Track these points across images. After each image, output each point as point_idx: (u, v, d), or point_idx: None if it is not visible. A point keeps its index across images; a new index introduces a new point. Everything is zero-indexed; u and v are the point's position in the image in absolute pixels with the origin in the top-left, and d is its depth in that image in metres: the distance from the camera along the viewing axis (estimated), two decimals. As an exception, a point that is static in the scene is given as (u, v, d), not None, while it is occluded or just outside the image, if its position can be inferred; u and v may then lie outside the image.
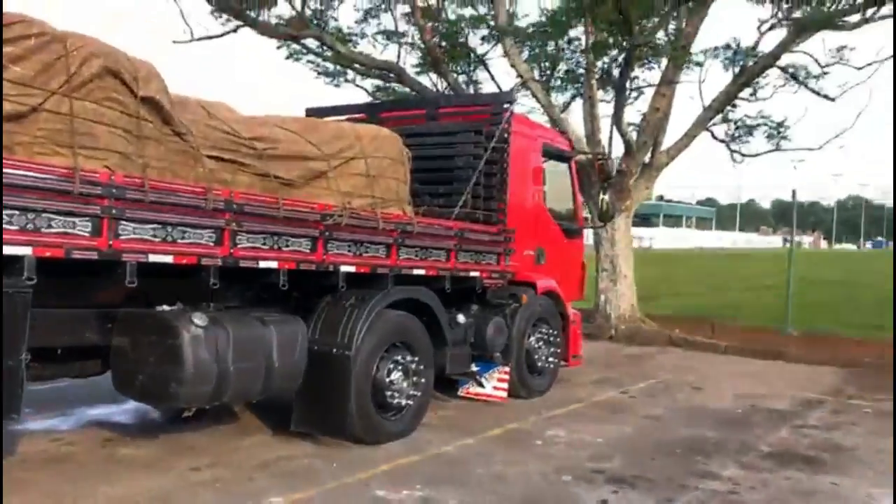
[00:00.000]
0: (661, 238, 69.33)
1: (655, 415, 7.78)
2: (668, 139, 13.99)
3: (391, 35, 13.77)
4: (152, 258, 4.40)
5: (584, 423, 7.28)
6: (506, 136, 7.67)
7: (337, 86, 15.62)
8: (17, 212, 3.76)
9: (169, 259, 4.50)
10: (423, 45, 13.33)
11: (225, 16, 12.89)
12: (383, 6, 13.41)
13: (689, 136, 13.74)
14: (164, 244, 4.45)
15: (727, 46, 13.23)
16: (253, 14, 12.84)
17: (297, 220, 5.37)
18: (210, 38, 12.87)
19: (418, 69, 13.88)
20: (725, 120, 14.05)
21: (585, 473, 5.67)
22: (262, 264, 5.16)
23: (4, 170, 3.64)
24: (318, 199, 5.65)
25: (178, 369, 4.67)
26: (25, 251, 3.80)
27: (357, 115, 8.44)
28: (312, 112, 8.70)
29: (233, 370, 4.92)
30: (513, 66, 13.69)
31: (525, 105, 15.05)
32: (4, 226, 3.69)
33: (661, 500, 5.15)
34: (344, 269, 5.81)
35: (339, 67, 14.50)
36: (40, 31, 4.04)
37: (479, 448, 6.29)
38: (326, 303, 6.03)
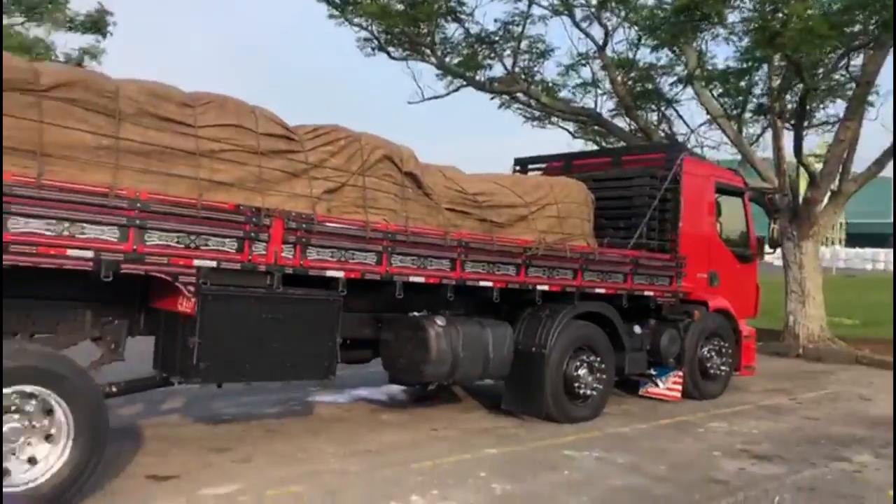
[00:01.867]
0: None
1: (814, 416, 8.84)
2: (859, 164, 14.48)
3: (588, 85, 15.49)
4: (412, 279, 6.51)
5: (745, 419, 8.55)
6: (678, 178, 9.17)
7: (543, 127, 17.59)
8: (335, 249, 5.99)
9: (422, 279, 6.59)
10: (616, 94, 14.92)
11: (449, 77, 15.27)
12: (582, 61, 15.18)
13: (878, 164, 14.16)
14: (419, 270, 6.55)
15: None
16: (471, 74, 15.12)
17: (506, 252, 7.29)
18: (438, 97, 15.32)
19: (613, 113, 15.49)
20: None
21: (733, 451, 7.06)
22: (482, 283, 7.12)
23: (333, 224, 5.89)
24: (521, 236, 7.53)
25: (425, 354, 6.74)
26: (339, 274, 6.02)
27: (555, 163, 10.30)
28: (519, 161, 10.68)
29: (462, 357, 6.93)
30: (702, 104, 14.92)
31: (713, 139, 16.17)
32: (329, 258, 5.93)
33: (790, 471, 6.45)
34: (540, 287, 7.64)
35: (543, 113, 16.42)
36: (347, 135, 6.31)
37: (650, 431, 7.83)
38: (527, 313, 7.88)
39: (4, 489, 4.47)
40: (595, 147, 16.75)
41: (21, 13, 15.88)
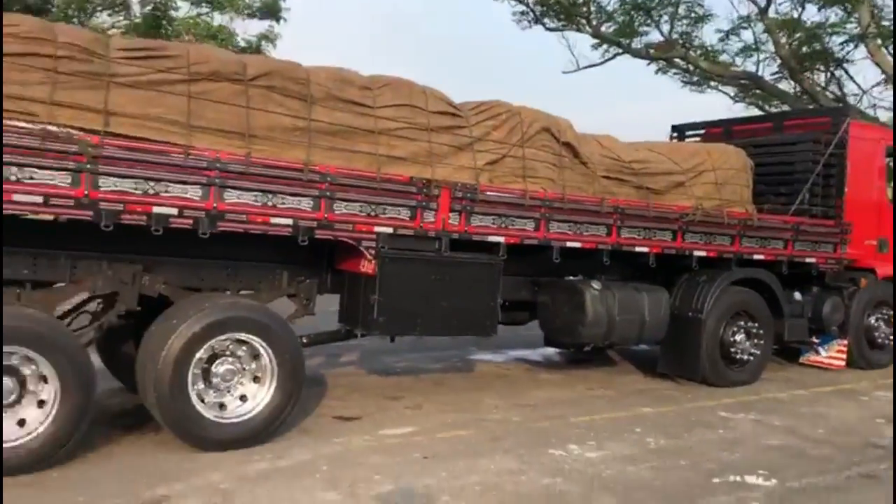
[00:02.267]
0: None
1: None
2: None
3: (750, 49, 14.98)
4: (569, 244, 6.86)
5: (915, 390, 8.28)
6: (843, 143, 8.89)
7: (701, 92, 17.19)
8: (496, 216, 6.44)
9: (578, 244, 6.93)
10: (779, 56, 14.36)
11: (604, 45, 15.28)
12: (743, 24, 14.70)
13: None
14: (575, 235, 6.88)
15: None
16: (626, 42, 15.06)
17: (662, 218, 7.45)
18: (592, 66, 15.38)
19: (776, 76, 14.93)
20: None
21: (897, 419, 6.94)
22: (637, 249, 7.34)
23: (494, 193, 6.34)
24: (678, 202, 7.65)
25: (582, 317, 7.08)
26: (500, 239, 6.47)
27: (713, 129, 10.21)
28: (676, 128, 10.66)
29: (618, 320, 7.21)
30: (876, 64, 14.09)
31: (888, 100, 15.19)
32: (490, 224, 6.39)
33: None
34: (697, 253, 7.75)
35: (702, 78, 16.07)
36: (507, 109, 6.70)
37: (809, 397, 7.80)
38: (684, 279, 8.01)
39: (227, 419, 5.31)
40: (757, 111, 16.19)
41: (206, 3, 17.37)
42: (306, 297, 6.35)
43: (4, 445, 4.62)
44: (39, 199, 4.69)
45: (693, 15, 14.72)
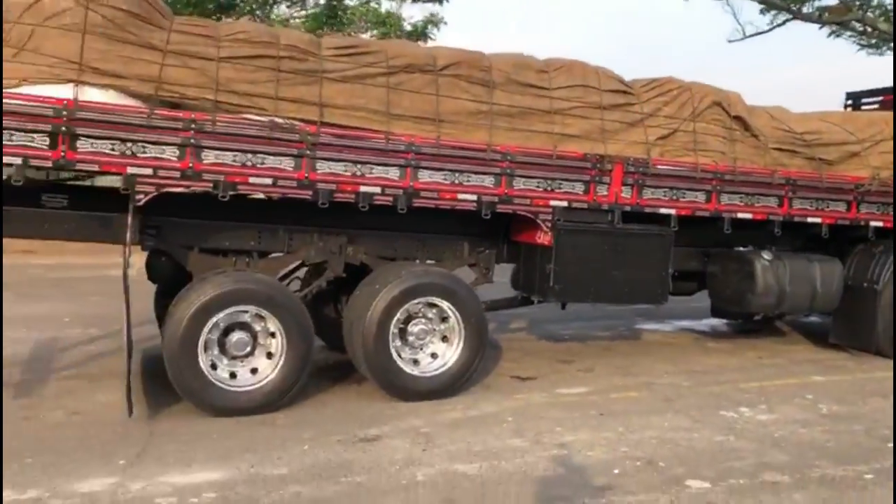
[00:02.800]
0: None
1: None
2: None
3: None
4: (739, 215, 6.99)
5: None
6: None
7: (881, 55, 16.21)
8: (667, 189, 6.69)
9: (749, 216, 7.04)
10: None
11: (773, 12, 14.78)
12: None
13: None
14: (746, 207, 7.01)
15: None
16: (797, 6, 14.49)
17: (836, 188, 7.39)
18: (760, 33, 14.93)
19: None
20: None
21: None
22: (810, 219, 7.34)
23: (665, 166, 6.59)
24: (853, 173, 7.54)
25: (752, 286, 7.20)
26: (671, 211, 6.72)
27: (893, 96, 9.79)
28: (851, 95, 10.29)
29: (788, 291, 7.26)
30: None
31: None
32: (662, 197, 6.64)
33: None
34: (873, 224, 7.62)
35: (880, 40, 15.17)
36: (678, 85, 6.90)
37: None
38: (859, 249, 7.89)
39: (421, 373, 5.96)
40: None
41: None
42: (486, 266, 6.90)
43: (241, 390, 5.49)
44: (269, 181, 5.49)
45: (872, -27, 13.95)
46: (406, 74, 5.96)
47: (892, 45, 15.11)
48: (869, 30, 14.42)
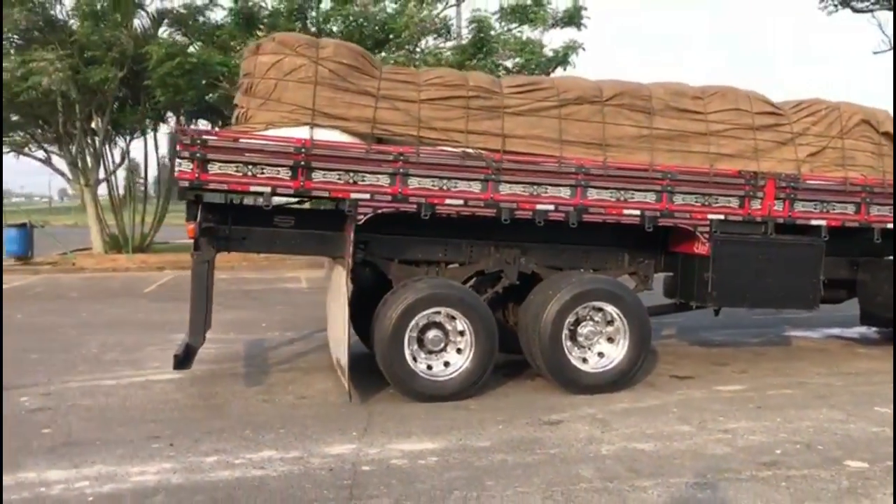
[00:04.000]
0: None
1: None
2: None
3: None
4: (888, 226, 7.33)
5: None
6: None
7: None
8: (817, 202, 7.14)
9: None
10: None
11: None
12: None
13: None
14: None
15: None
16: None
17: None
18: (905, 43, 14.74)
19: None
20: None
21: None
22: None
23: (816, 181, 7.06)
24: None
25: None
26: (822, 223, 7.17)
27: None
28: None
29: (941, 297, 7.50)
30: None
31: None
32: (812, 209, 7.09)
33: None
34: None
35: None
36: (826, 105, 7.36)
37: None
38: None
39: (591, 370, 6.69)
40: None
41: (515, 19, 19.14)
42: (645, 274, 7.55)
43: (437, 379, 6.41)
44: (461, 202, 6.41)
45: None
46: (575, 106, 6.75)
47: None
48: None
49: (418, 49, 18.46)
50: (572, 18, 18.83)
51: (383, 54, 17.29)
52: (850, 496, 4.36)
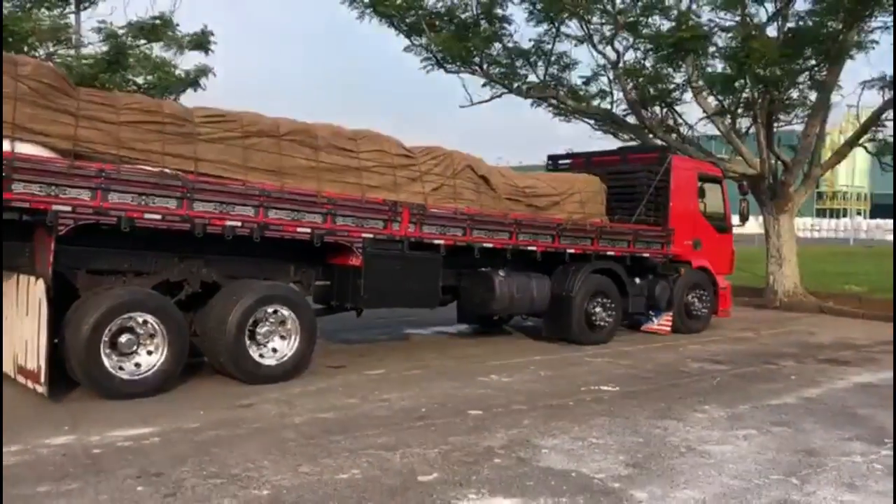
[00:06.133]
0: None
1: (766, 343, 11.89)
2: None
3: (605, 93, 18.41)
4: (485, 245, 9.65)
5: (715, 344, 11.60)
6: (668, 172, 12.17)
7: (568, 122, 20.45)
8: (438, 226, 9.14)
9: (491, 245, 9.73)
10: (626, 99, 17.81)
11: (493, 85, 18.24)
12: (600, 73, 18.10)
13: (839, 154, 17.00)
14: (489, 238, 9.68)
15: (881, 77, 16.15)
16: (509, 83, 18.11)
17: (545, 227, 10.38)
18: (483, 101, 18.34)
19: (625, 112, 18.36)
20: (873, 139, 17.08)
21: (699, 359, 10.14)
22: (529, 248, 10.24)
23: (436, 210, 9.05)
24: (556, 216, 10.61)
25: (491, 295, 9.89)
26: (441, 242, 9.18)
27: (578, 160, 13.32)
28: (552, 157, 13.72)
29: (516, 297, 10.08)
30: (699, 104, 17.77)
31: (710, 131, 18.97)
32: (435, 231, 9.08)
33: (733, 368, 9.52)
34: (569, 251, 10.73)
35: (569, 112, 19.32)
36: (444, 152, 9.43)
37: (644, 348, 10.94)
38: (560, 268, 10.95)
39: (272, 361, 7.73)
40: (613, 139, 19.54)
41: (143, 37, 18.94)
42: (307, 282, 8.82)
43: (133, 378, 6.88)
44: (159, 216, 7.02)
45: (562, 63, 17.96)
46: (257, 138, 7.79)
47: (576, 115, 19.33)
48: (561, 105, 18.42)
49: (42, 55, 17.27)
50: (200, 43, 19.21)
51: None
52: (476, 430, 6.16)
